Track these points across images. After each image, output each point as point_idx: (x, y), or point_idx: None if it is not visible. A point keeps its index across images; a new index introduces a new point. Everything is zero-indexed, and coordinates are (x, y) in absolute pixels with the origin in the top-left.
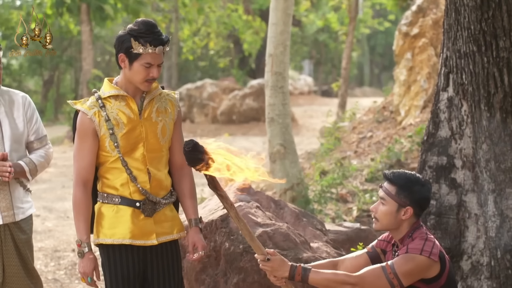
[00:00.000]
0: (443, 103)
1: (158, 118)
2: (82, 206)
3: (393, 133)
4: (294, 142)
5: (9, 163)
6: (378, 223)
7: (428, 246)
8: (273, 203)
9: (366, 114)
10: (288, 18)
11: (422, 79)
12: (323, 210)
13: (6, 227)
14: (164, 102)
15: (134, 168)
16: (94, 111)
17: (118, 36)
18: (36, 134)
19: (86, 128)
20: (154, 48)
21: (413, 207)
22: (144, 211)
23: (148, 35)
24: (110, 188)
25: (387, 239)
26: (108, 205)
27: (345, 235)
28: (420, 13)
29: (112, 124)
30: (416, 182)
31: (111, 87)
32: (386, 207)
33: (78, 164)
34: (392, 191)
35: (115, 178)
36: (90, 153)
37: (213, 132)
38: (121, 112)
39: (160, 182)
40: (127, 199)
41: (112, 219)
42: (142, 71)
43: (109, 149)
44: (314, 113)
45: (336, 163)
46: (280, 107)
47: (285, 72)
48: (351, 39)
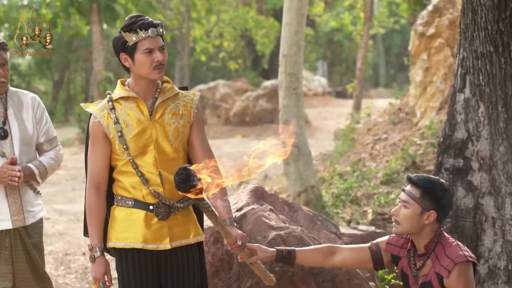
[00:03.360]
0: (459, 105)
1: (170, 120)
2: (94, 210)
3: (409, 134)
4: (308, 144)
5: (18, 168)
6: (399, 226)
7: (466, 249)
8: (286, 206)
9: (381, 116)
10: (302, 18)
11: (438, 80)
12: (340, 212)
13: (16, 231)
14: (179, 103)
15: (145, 171)
16: (104, 114)
17: (113, 40)
18: (46, 136)
19: (96, 131)
20: (146, 32)
21: (437, 212)
22: (158, 215)
23: (135, 23)
24: (123, 191)
25: (399, 244)
26: (121, 207)
27: (360, 239)
28: (436, 13)
29: (120, 126)
30: (440, 187)
31: (122, 89)
32: (409, 210)
33: (90, 167)
34: (416, 194)
35: (127, 180)
36: (101, 156)
37: (225, 134)
38: (131, 114)
39: (174, 185)
40: (140, 202)
41: (124, 222)
42: (145, 59)
43: (119, 152)
44: (328, 115)
45: (351, 166)
46: (294, 108)
47: (299, 73)
48: (366, 39)
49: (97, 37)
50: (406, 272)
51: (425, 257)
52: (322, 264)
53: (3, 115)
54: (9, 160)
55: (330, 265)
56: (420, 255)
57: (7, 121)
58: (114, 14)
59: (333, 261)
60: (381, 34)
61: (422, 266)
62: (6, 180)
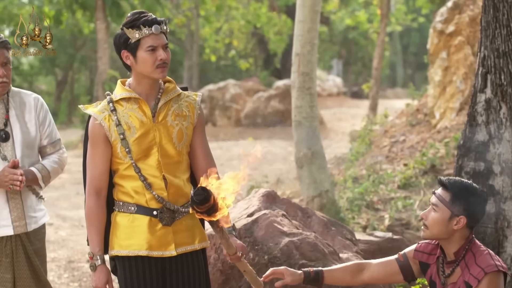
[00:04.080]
0: (480, 105)
1: (174, 121)
2: (95, 216)
3: (427, 137)
4: (322, 147)
5: (20, 171)
6: (427, 231)
7: (497, 259)
8: (300, 211)
9: (399, 117)
10: (315, 15)
11: (458, 79)
12: (355, 218)
13: (18, 237)
14: (182, 104)
15: (148, 174)
16: (104, 116)
17: (114, 37)
18: (49, 138)
19: (96, 134)
20: (150, 28)
21: (467, 218)
22: (162, 220)
23: (139, 19)
24: (125, 196)
25: (427, 250)
26: (123, 214)
27: (377, 245)
28: (456, 9)
29: (123, 128)
30: (473, 192)
31: (123, 89)
32: (438, 214)
33: (90, 172)
34: (446, 198)
35: (130, 185)
36: (102, 160)
37: (236, 136)
38: (133, 115)
39: (178, 189)
40: (144, 208)
41: (127, 229)
42: (148, 57)
43: (121, 155)
44: (343, 116)
45: (367, 169)
46: (308, 109)
47: (313, 72)
48: (382, 37)
49: (102, 35)
50: (434, 280)
51: (454, 264)
52: (352, 283)
53: (4, 116)
54: (11, 163)
55: (359, 282)
56: (449, 262)
57: (8, 123)
58: (120, 10)
59: (362, 278)
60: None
61: (451, 273)
62: (7, 185)
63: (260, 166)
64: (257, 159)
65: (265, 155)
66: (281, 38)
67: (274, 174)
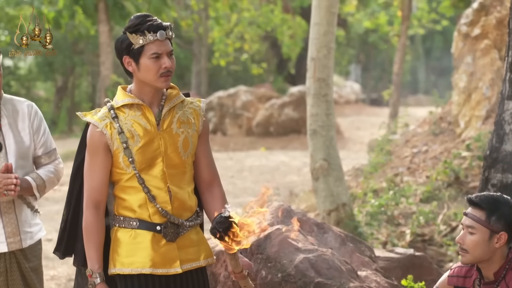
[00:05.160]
0: (508, 113)
1: (179, 129)
2: (93, 231)
3: (452, 147)
4: (339, 157)
5: (14, 175)
6: (467, 255)
7: None
8: (315, 226)
9: (421, 126)
10: (332, 17)
11: (485, 86)
12: (374, 233)
13: (12, 254)
14: (187, 111)
15: (152, 186)
16: (106, 123)
17: (116, 41)
18: (44, 148)
19: (97, 142)
20: (155, 34)
21: (508, 232)
22: (166, 236)
23: (143, 24)
24: (126, 210)
25: (462, 273)
26: (125, 229)
27: (397, 263)
28: (483, 11)
29: (126, 137)
30: (506, 203)
31: (125, 95)
32: (477, 236)
33: (88, 183)
34: (482, 217)
35: (132, 198)
36: (102, 171)
37: (247, 145)
38: (136, 123)
39: (183, 202)
40: (146, 223)
41: (129, 246)
42: (151, 65)
43: (123, 166)
44: (362, 125)
45: (387, 181)
46: (324, 117)
47: (329, 78)
48: (404, 41)
49: (104, 38)
50: None
51: (494, 285)
52: None
53: None
54: (3, 167)
55: None
56: (488, 283)
57: (1, 132)
58: (124, 12)
59: None
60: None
61: None
62: (1, 191)
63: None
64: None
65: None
66: (296, 42)
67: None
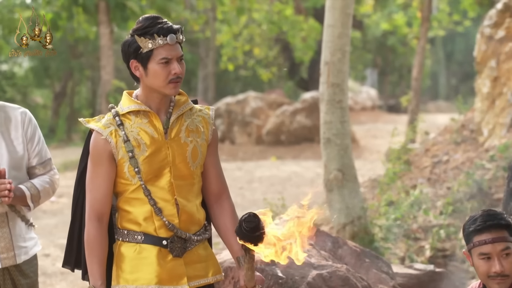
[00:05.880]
0: None
1: (188, 138)
2: (96, 245)
3: (474, 156)
4: (354, 167)
5: (8, 180)
6: (508, 280)
7: None
8: (329, 240)
9: (442, 134)
10: (347, 19)
11: (509, 91)
12: (391, 248)
13: (6, 270)
14: (195, 119)
15: (159, 198)
16: (110, 130)
17: (123, 43)
18: (39, 157)
19: (101, 151)
20: (165, 38)
21: None
22: (173, 251)
23: (152, 27)
24: (131, 224)
25: None
26: (129, 244)
27: (416, 279)
28: (507, 12)
29: (132, 145)
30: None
31: (131, 101)
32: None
33: (91, 194)
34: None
35: (137, 211)
36: (106, 181)
37: (257, 155)
38: (143, 131)
39: (191, 216)
40: (152, 237)
41: (134, 261)
42: (160, 70)
43: (129, 176)
44: (379, 133)
45: (405, 193)
46: (338, 125)
47: (344, 83)
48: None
49: (105, 41)
50: None
51: None
52: None
53: None
54: None
55: None
56: None
57: None
58: (126, 13)
59: None
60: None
61: None
62: None
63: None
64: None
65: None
66: (308, 45)
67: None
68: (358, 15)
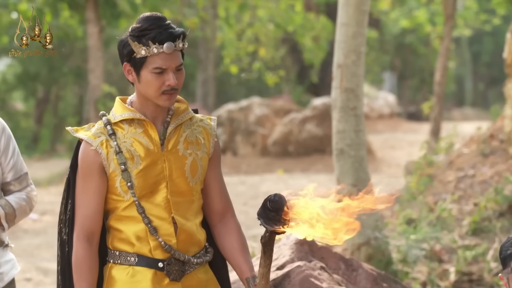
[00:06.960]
0: None
1: (186, 151)
2: (85, 267)
3: (504, 169)
4: (371, 182)
5: None
6: None
7: None
8: (343, 262)
9: (468, 145)
10: (362, 17)
11: None
12: (411, 272)
13: None
14: (196, 130)
15: (154, 216)
16: (101, 141)
17: (118, 42)
18: (14, 172)
19: (91, 163)
20: (161, 46)
21: None
22: (170, 274)
23: (150, 30)
24: (123, 244)
25: None
26: (121, 266)
27: None
28: None
29: (124, 157)
30: None
31: (124, 109)
32: None
33: (80, 211)
34: None
35: (129, 230)
36: (96, 196)
37: (262, 168)
38: (137, 141)
39: (190, 236)
40: (147, 258)
41: (126, 285)
42: (153, 80)
43: (121, 191)
44: (398, 143)
45: (427, 210)
46: (352, 134)
47: (359, 88)
48: (447, 44)
49: (94, 41)
50: None
51: None
52: None
53: None
54: None
55: None
56: None
57: None
58: (116, 11)
59: None
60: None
61: None
62: None
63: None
64: None
65: None
66: (319, 46)
67: None
68: (375, 13)
